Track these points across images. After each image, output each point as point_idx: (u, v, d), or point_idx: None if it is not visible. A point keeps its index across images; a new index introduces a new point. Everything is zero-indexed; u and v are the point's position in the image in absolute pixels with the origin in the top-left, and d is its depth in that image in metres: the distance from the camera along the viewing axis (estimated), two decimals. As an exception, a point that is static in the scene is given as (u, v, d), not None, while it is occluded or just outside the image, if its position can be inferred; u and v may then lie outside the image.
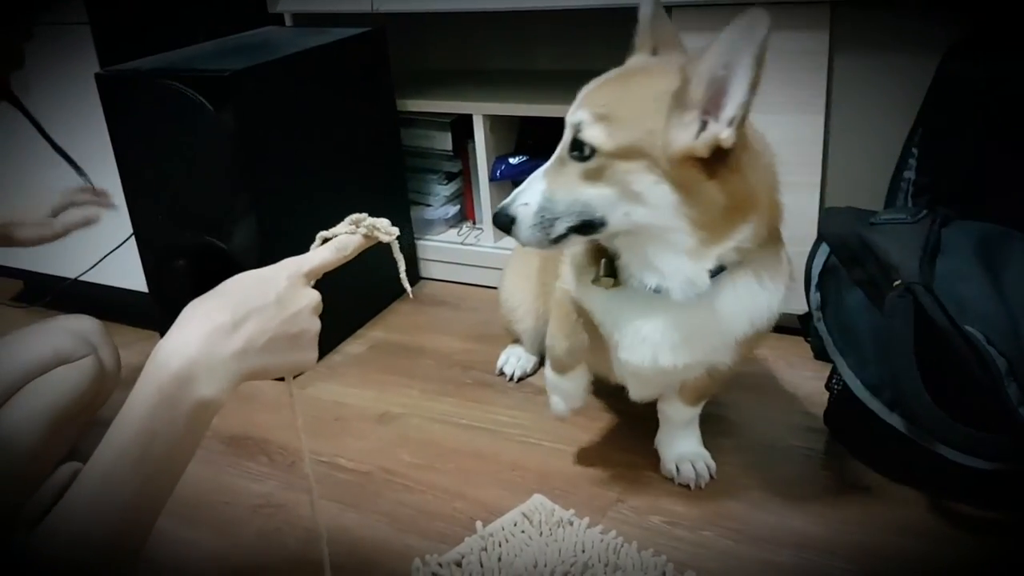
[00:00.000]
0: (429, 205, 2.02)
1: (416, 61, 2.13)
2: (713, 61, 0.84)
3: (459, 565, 1.09)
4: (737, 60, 0.83)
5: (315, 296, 0.78)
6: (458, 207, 2.06)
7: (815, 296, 1.18)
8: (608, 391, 1.40)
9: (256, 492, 1.29)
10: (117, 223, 1.70)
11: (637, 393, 1.22)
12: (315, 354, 0.78)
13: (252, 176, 1.49)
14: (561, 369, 1.18)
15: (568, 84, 1.88)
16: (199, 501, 1.27)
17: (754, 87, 0.84)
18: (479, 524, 1.16)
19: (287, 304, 0.75)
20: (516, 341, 1.57)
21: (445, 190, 2.02)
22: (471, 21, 2.07)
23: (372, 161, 1.84)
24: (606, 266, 1.01)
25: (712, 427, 1.31)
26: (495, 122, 1.87)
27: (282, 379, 0.85)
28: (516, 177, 1.90)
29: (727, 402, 1.39)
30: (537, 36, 2.04)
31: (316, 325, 0.78)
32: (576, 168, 0.92)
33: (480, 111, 1.83)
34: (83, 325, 1.38)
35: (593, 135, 0.90)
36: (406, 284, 0.89)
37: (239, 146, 1.46)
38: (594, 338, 1.13)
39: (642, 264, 0.98)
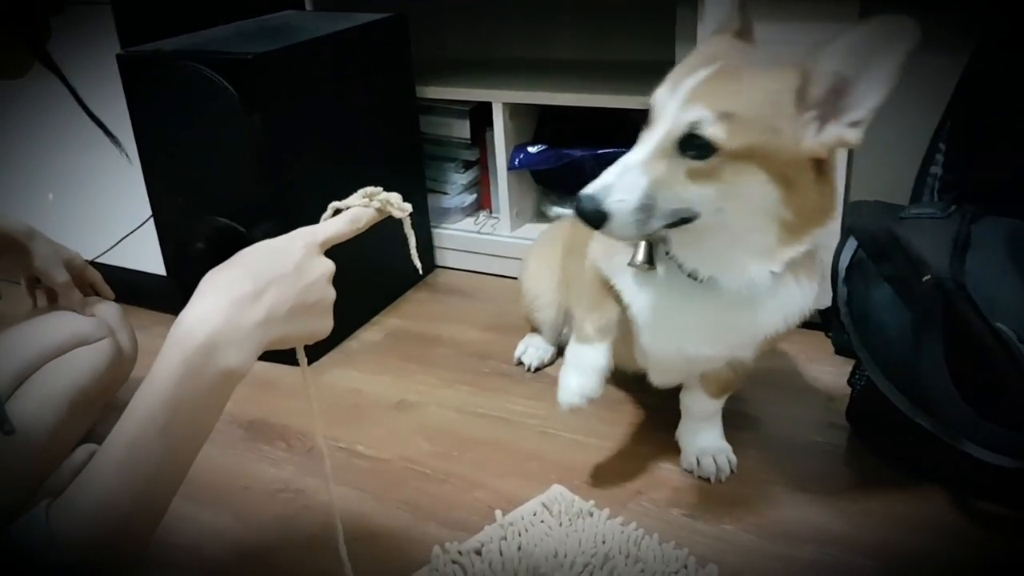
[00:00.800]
0: (446, 193, 2.01)
1: (435, 48, 2.12)
2: (840, 61, 0.83)
3: (479, 553, 1.09)
4: (874, 65, 0.82)
5: (330, 265, 0.79)
6: (475, 196, 2.05)
7: (842, 290, 1.17)
8: (627, 383, 1.40)
9: (275, 477, 1.29)
10: (135, 205, 1.70)
11: (657, 378, 1.21)
12: (331, 322, 0.80)
13: (272, 159, 1.49)
14: (588, 339, 1.13)
15: (587, 73, 1.89)
16: (218, 485, 1.27)
17: (889, 95, 0.83)
18: (498, 513, 1.16)
19: (305, 273, 0.76)
20: (534, 330, 1.56)
21: (462, 178, 2.01)
22: (491, 8, 2.06)
23: (390, 147, 1.83)
24: (646, 250, 0.99)
25: (733, 421, 1.30)
26: (514, 110, 1.85)
27: (295, 362, 0.87)
28: (535, 166, 1.89)
29: (748, 397, 1.38)
30: (557, 24, 2.03)
31: (332, 294, 0.79)
32: (683, 165, 0.87)
33: (499, 99, 1.82)
34: (101, 308, 1.38)
35: (715, 134, 0.84)
36: (416, 261, 0.88)
37: (259, 129, 1.45)
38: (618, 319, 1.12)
39: (700, 255, 0.95)
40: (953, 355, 1.02)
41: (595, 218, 0.87)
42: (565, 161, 1.86)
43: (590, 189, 0.87)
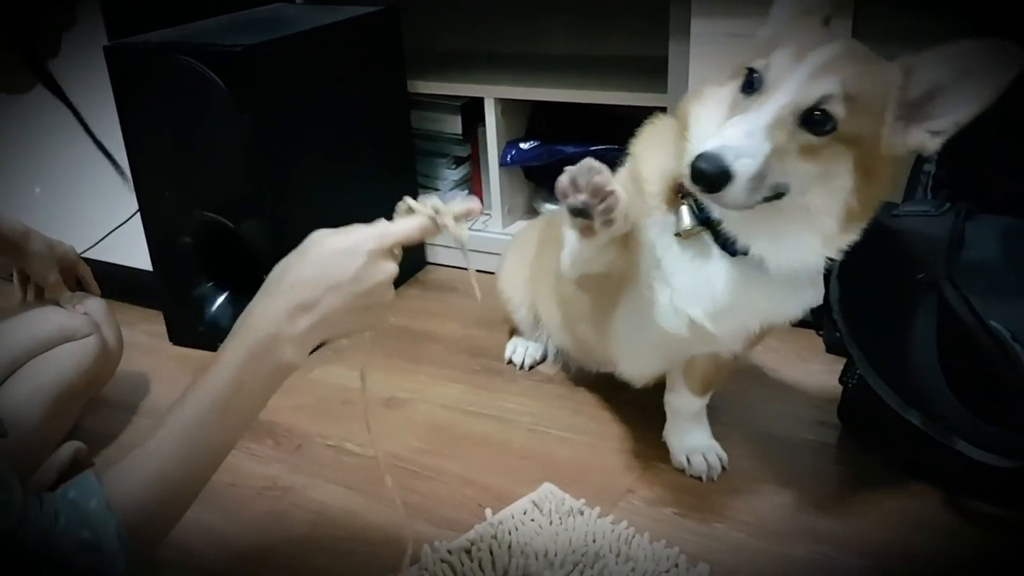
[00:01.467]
0: (437, 189, 2.00)
1: (427, 42, 2.11)
2: (942, 69, 0.83)
3: (468, 553, 1.08)
4: (972, 82, 0.81)
5: (392, 270, 0.83)
6: (466, 192, 2.03)
7: (835, 288, 1.17)
8: (615, 384, 1.39)
9: (262, 474, 1.28)
10: (122, 200, 1.68)
11: (634, 368, 1.19)
12: (387, 319, 0.86)
13: (260, 154, 1.47)
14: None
15: (580, 69, 1.88)
16: (204, 482, 1.26)
17: (976, 115, 0.83)
18: (488, 512, 1.15)
19: (364, 279, 0.81)
20: (515, 331, 1.56)
21: (454, 174, 2.00)
22: (484, 2, 2.05)
23: (381, 142, 1.81)
24: (692, 214, 0.95)
25: (723, 419, 1.30)
26: (506, 106, 1.84)
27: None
28: (527, 162, 1.88)
29: (738, 395, 1.38)
30: (550, 19, 2.02)
31: (389, 295, 0.84)
32: (799, 139, 0.83)
33: (492, 94, 1.81)
34: (88, 304, 1.36)
35: (840, 112, 0.82)
36: (476, 290, 0.90)
37: (248, 122, 1.44)
38: (604, 293, 1.09)
39: (762, 232, 0.91)
40: (947, 353, 1.01)
41: (717, 179, 0.80)
42: (557, 158, 1.85)
43: (712, 146, 0.81)
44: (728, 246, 0.94)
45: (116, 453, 1.34)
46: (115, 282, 1.76)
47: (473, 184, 2.03)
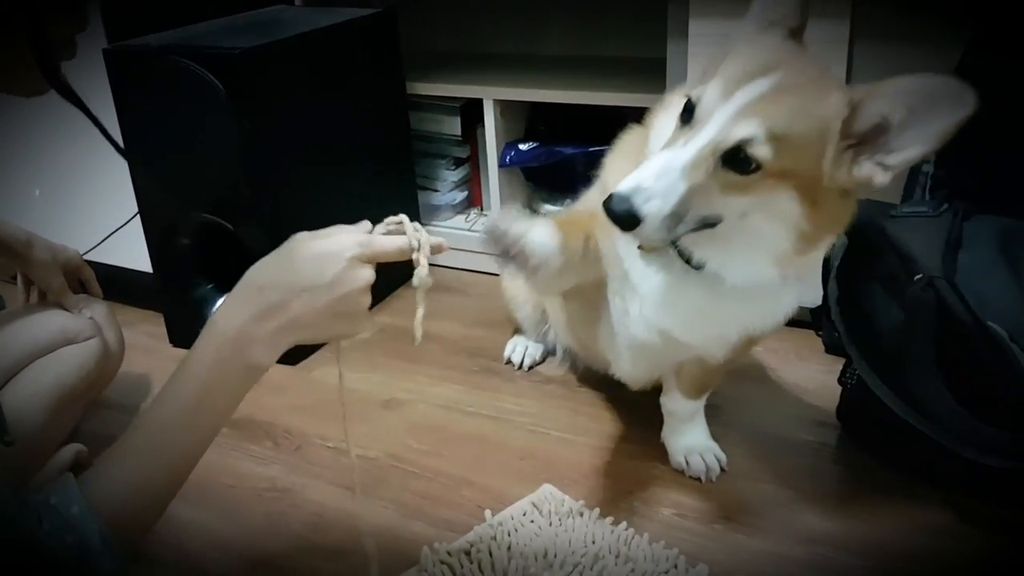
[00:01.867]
0: (436, 190, 2.00)
1: (425, 44, 2.11)
2: (891, 104, 0.81)
3: (468, 554, 1.08)
4: (923, 120, 0.80)
5: (369, 277, 0.83)
6: (466, 193, 2.04)
7: (833, 289, 1.17)
8: (614, 384, 1.39)
9: (261, 475, 1.28)
10: (122, 202, 1.68)
11: (625, 371, 1.19)
12: (364, 326, 0.85)
13: (259, 156, 1.47)
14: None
15: (579, 70, 1.88)
16: (203, 483, 1.26)
17: (927, 155, 0.82)
18: (488, 513, 1.15)
19: (339, 285, 0.81)
20: (518, 331, 1.56)
21: (453, 175, 2.00)
22: (482, 4, 2.05)
23: (380, 144, 1.81)
24: None
25: (722, 420, 1.30)
26: (505, 107, 1.84)
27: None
28: (526, 163, 1.88)
29: (737, 395, 1.38)
30: (549, 20, 2.02)
31: (365, 302, 0.83)
32: (723, 177, 0.83)
33: (491, 96, 1.81)
34: (90, 306, 1.37)
35: (763, 153, 0.81)
36: (418, 331, 0.89)
37: (247, 125, 1.43)
38: (587, 304, 1.10)
39: (712, 250, 0.93)
40: (944, 354, 1.01)
41: (626, 221, 0.82)
42: (556, 159, 1.86)
43: (624, 188, 0.82)
44: (688, 260, 0.96)
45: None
46: (115, 284, 1.76)
47: (472, 185, 2.04)
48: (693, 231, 0.87)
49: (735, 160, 0.82)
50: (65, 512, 0.74)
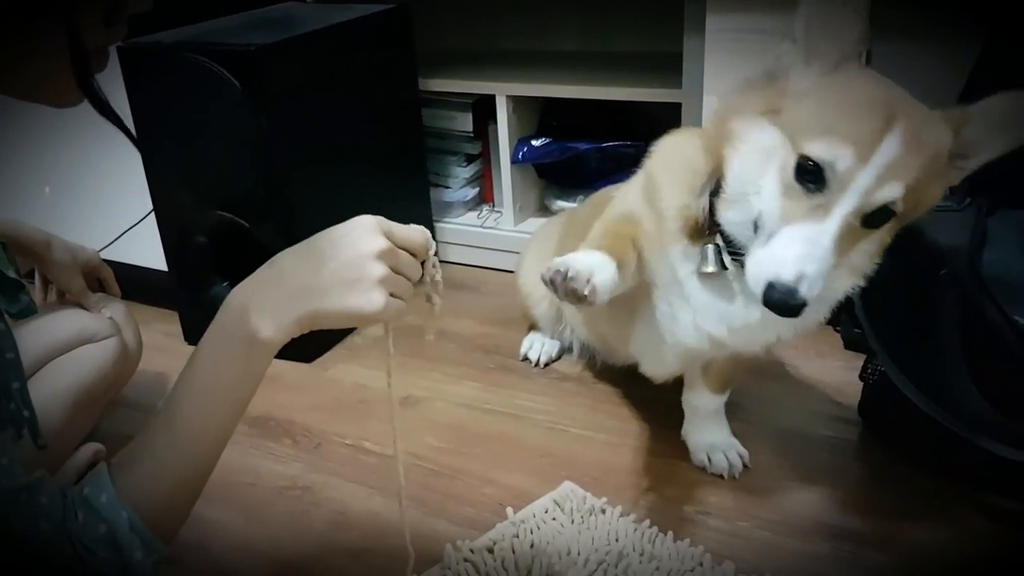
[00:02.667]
0: (448, 187, 2.00)
1: (438, 40, 2.10)
2: (984, 125, 0.84)
3: (491, 551, 1.08)
4: (1007, 134, 0.83)
5: (380, 243, 0.77)
6: (478, 189, 2.03)
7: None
8: (633, 379, 1.38)
9: (281, 474, 1.28)
10: (137, 200, 1.68)
11: (655, 368, 1.18)
12: (379, 301, 0.77)
13: (274, 153, 1.47)
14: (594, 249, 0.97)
15: (593, 65, 1.88)
16: (224, 482, 1.25)
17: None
18: (510, 510, 1.14)
19: (345, 249, 0.77)
20: (535, 327, 1.56)
21: (465, 172, 2.00)
22: (494, 0, 2.04)
23: (393, 141, 1.81)
24: (717, 257, 0.94)
25: (743, 416, 1.29)
26: (518, 103, 1.84)
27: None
28: (539, 160, 1.87)
29: (756, 392, 1.37)
30: (562, 15, 2.01)
31: (377, 271, 0.77)
32: (858, 233, 0.83)
33: (503, 92, 1.80)
34: (108, 305, 1.36)
35: (900, 206, 0.81)
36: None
37: (261, 121, 1.43)
38: (621, 306, 1.09)
39: None
40: (971, 349, 1.01)
41: (794, 311, 0.79)
42: (569, 154, 1.85)
43: (788, 278, 0.79)
44: None
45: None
46: (129, 282, 1.76)
47: (484, 181, 2.03)
48: None
49: (874, 219, 0.82)
50: (96, 502, 0.74)
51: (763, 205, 0.85)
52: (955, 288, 1.02)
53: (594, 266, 0.90)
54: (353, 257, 0.76)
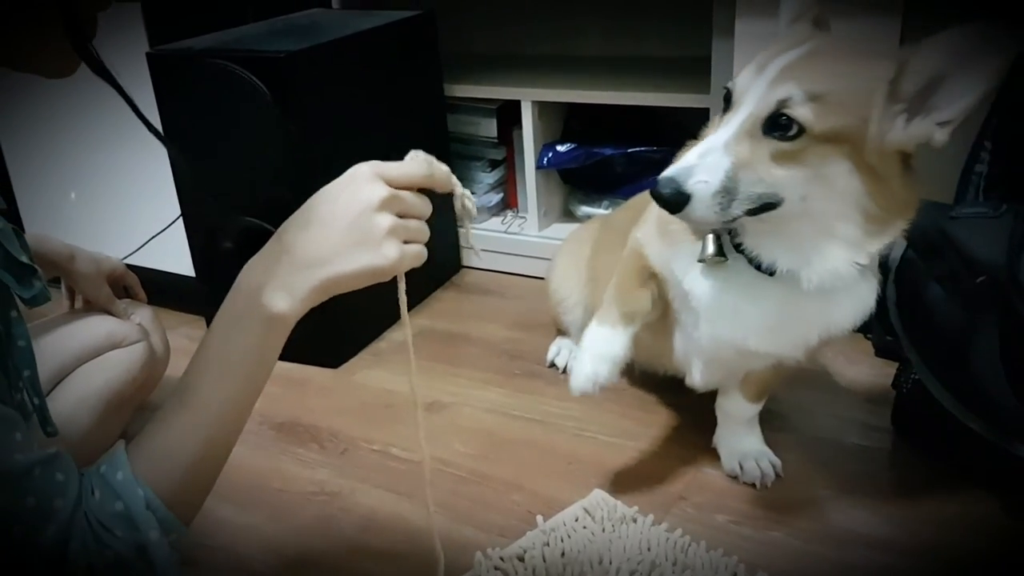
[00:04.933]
0: (472, 192, 1.98)
1: (463, 45, 2.10)
2: (938, 59, 0.82)
3: (521, 560, 1.07)
4: (970, 67, 0.80)
5: (379, 193, 0.75)
6: (502, 195, 2.03)
7: (891, 291, 1.15)
8: (662, 385, 1.38)
9: (309, 479, 1.28)
10: (164, 205, 1.69)
11: (699, 379, 1.17)
12: (392, 254, 0.75)
13: (302, 159, 1.47)
14: (610, 323, 1.09)
15: (618, 70, 1.87)
16: (252, 487, 1.26)
17: (980, 99, 0.82)
18: (539, 518, 1.14)
19: (345, 209, 0.75)
20: (562, 333, 1.55)
21: (488, 178, 2.00)
22: (519, 5, 2.04)
23: (418, 146, 1.79)
24: (716, 243, 0.96)
25: (774, 424, 1.28)
26: (543, 108, 1.83)
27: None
28: (564, 165, 1.87)
29: (789, 399, 1.36)
30: (587, 20, 2.01)
31: (384, 222, 0.74)
32: (769, 147, 0.84)
33: (529, 97, 1.80)
34: (136, 311, 1.37)
35: (804, 114, 0.82)
36: (473, 244, 0.87)
37: (290, 127, 1.44)
38: (656, 316, 1.10)
39: (782, 246, 0.92)
40: (1010, 357, 0.99)
41: (675, 200, 0.83)
42: (595, 159, 1.84)
43: (670, 171, 0.84)
44: (760, 267, 0.94)
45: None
46: (156, 287, 1.77)
47: (509, 187, 2.03)
48: (752, 213, 0.87)
49: (777, 125, 0.83)
50: (112, 479, 0.73)
51: None
52: (993, 295, 1.00)
53: (598, 368, 1.06)
54: (355, 216, 0.74)
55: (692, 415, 1.32)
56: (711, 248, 0.96)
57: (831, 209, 0.88)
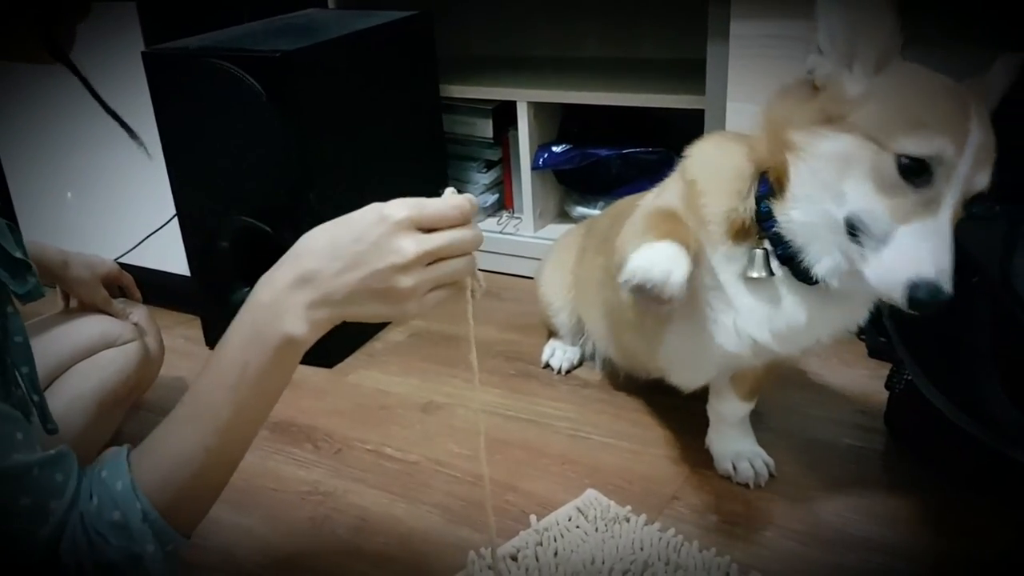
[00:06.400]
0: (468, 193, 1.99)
1: (459, 46, 2.11)
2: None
3: (515, 559, 1.07)
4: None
5: (409, 251, 0.72)
6: (497, 195, 2.03)
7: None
8: (655, 387, 1.38)
9: (304, 479, 1.28)
10: (157, 204, 1.69)
11: (684, 379, 1.18)
12: (411, 308, 0.75)
13: (297, 158, 1.47)
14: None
15: (614, 71, 1.87)
16: (246, 487, 1.26)
17: None
18: (533, 518, 1.14)
19: (374, 257, 0.73)
20: (554, 334, 1.55)
21: (484, 178, 2.00)
22: (516, 6, 2.05)
23: (414, 146, 1.81)
24: (765, 260, 0.94)
25: (767, 425, 1.28)
26: (538, 109, 1.84)
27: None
28: (559, 165, 1.87)
29: (781, 400, 1.36)
30: (583, 22, 2.01)
31: (407, 282, 0.73)
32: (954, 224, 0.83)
33: (524, 98, 1.80)
34: (131, 310, 1.37)
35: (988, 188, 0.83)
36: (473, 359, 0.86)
37: (286, 127, 1.44)
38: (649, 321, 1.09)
39: (844, 272, 0.90)
40: (1002, 358, 0.99)
41: (938, 308, 0.80)
42: (590, 161, 1.85)
43: (930, 275, 0.79)
44: (804, 278, 0.93)
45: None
46: (152, 287, 1.77)
47: (504, 188, 2.03)
48: None
49: (971, 206, 0.83)
50: (112, 487, 0.73)
51: (858, 209, 0.83)
52: (986, 296, 1.01)
53: (670, 266, 0.87)
54: (380, 271, 0.72)
55: (685, 416, 1.32)
56: (759, 270, 0.94)
57: None
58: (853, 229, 0.84)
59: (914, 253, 0.80)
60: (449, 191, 0.78)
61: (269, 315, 0.74)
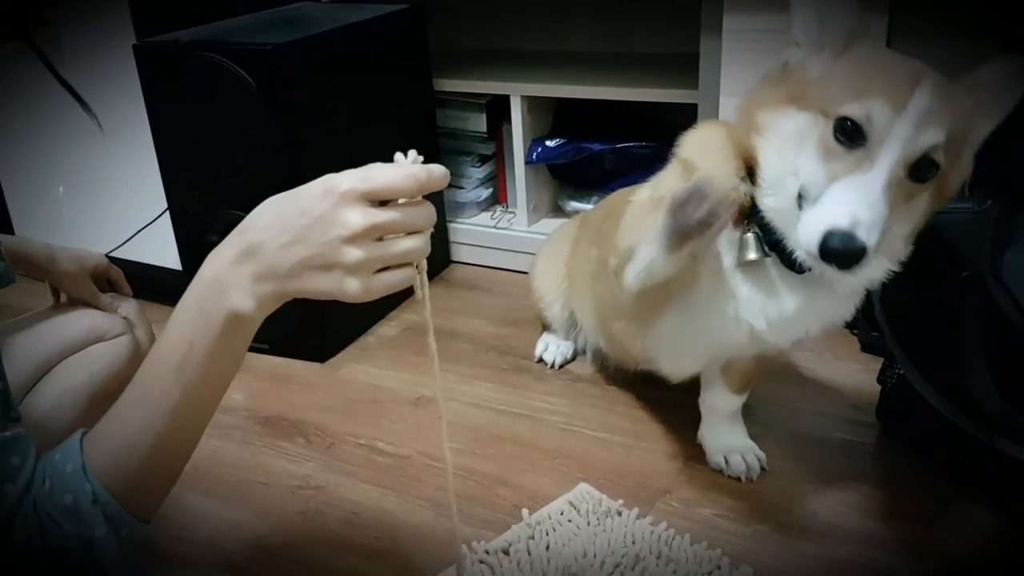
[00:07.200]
0: (461, 188, 1.99)
1: (452, 40, 2.10)
2: (988, 90, 0.85)
3: (506, 553, 1.07)
4: (1002, 99, 0.85)
5: (354, 223, 0.68)
6: (491, 190, 2.02)
7: (876, 287, 1.15)
8: (647, 380, 1.38)
9: (294, 473, 1.27)
10: (150, 198, 1.68)
11: (675, 367, 1.17)
12: (353, 288, 0.69)
13: (288, 151, 1.46)
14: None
15: (607, 66, 1.87)
16: (236, 481, 1.26)
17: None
18: (525, 512, 1.14)
19: (315, 234, 0.68)
20: (546, 328, 1.55)
21: (478, 172, 1.99)
22: (509, 0, 2.04)
23: (406, 140, 1.77)
24: (758, 244, 0.93)
25: (760, 419, 1.28)
26: (532, 103, 1.83)
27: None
28: (553, 160, 1.87)
29: (773, 395, 1.36)
30: (576, 16, 2.01)
31: (351, 256, 0.68)
32: (906, 189, 0.82)
33: (518, 92, 1.80)
34: (121, 304, 1.36)
35: (942, 158, 0.82)
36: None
37: (277, 120, 1.43)
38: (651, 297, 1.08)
39: None
40: (993, 352, 1.00)
41: (854, 258, 0.78)
42: (584, 155, 1.84)
43: (843, 223, 0.78)
44: (795, 266, 0.93)
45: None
46: (143, 281, 1.75)
47: (498, 182, 2.02)
48: None
49: (919, 170, 0.82)
50: (63, 470, 0.72)
51: (804, 177, 0.85)
52: (976, 290, 1.01)
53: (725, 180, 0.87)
54: (325, 242, 0.68)
55: (677, 410, 1.32)
56: (753, 252, 0.93)
57: (900, 232, 0.89)
58: (801, 201, 0.86)
59: (832, 207, 0.81)
60: (400, 156, 0.74)
61: (214, 291, 0.71)
